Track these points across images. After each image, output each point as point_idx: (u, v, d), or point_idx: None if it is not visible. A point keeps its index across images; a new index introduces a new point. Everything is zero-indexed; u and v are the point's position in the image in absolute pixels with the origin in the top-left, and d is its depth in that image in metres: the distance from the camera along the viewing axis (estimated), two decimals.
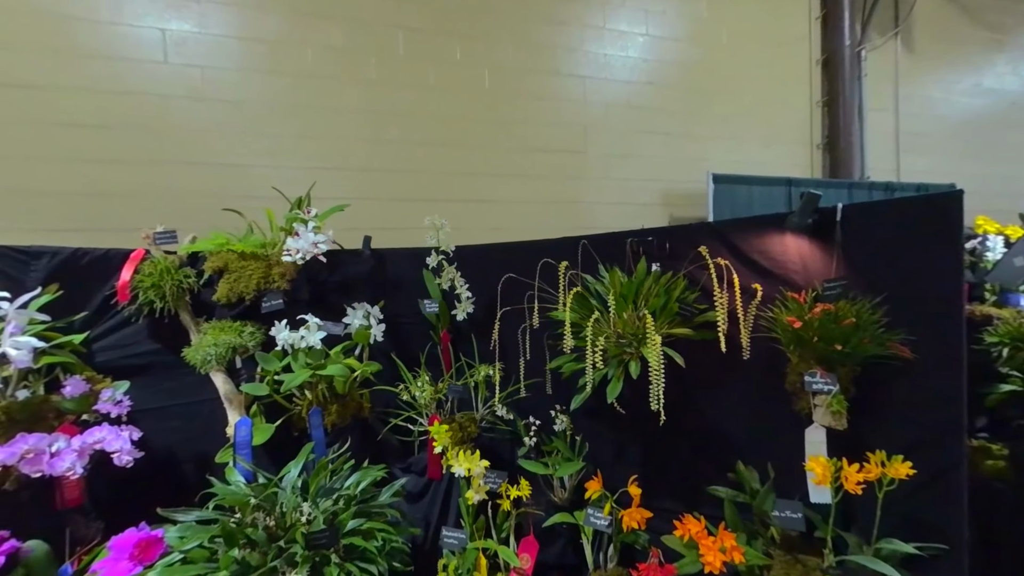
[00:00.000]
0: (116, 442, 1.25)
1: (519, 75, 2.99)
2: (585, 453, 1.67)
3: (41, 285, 1.50)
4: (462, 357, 1.91)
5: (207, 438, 1.68)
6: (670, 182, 3.33)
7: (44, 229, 2.15)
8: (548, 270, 1.66)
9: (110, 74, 2.32)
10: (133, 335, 1.68)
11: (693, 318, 1.46)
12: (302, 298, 1.79)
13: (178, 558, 1.17)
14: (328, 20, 2.65)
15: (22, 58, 2.19)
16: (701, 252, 1.34)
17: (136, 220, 1.91)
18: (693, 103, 3.41)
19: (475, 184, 2.87)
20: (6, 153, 2.16)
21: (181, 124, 2.41)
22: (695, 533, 1.19)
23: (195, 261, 1.74)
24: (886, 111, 3.86)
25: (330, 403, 1.69)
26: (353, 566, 1.23)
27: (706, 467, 1.56)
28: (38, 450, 1.17)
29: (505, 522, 1.54)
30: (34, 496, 1.32)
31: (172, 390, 1.71)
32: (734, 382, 1.48)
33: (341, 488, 1.42)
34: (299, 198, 1.86)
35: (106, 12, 2.33)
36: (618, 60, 3.22)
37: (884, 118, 3.84)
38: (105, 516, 1.43)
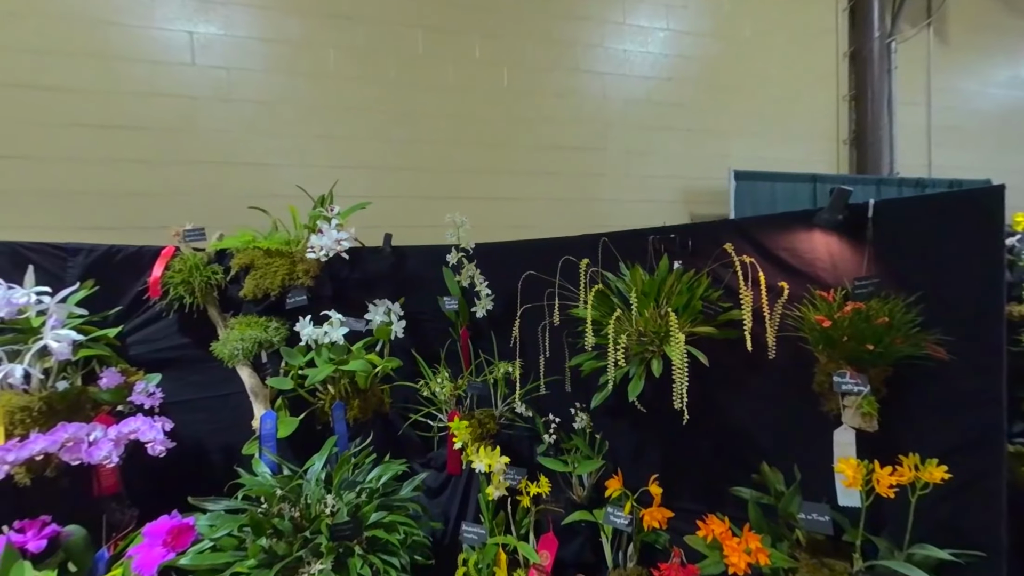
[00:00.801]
0: (150, 432, 1.30)
1: (538, 72, 2.98)
2: (605, 451, 1.66)
3: (78, 281, 1.55)
4: (481, 354, 1.91)
5: (233, 430, 1.72)
6: (690, 179, 3.29)
7: (80, 227, 2.24)
8: (568, 267, 1.65)
9: (141, 76, 2.39)
10: (163, 329, 1.73)
11: (716, 317, 1.44)
12: (325, 294, 1.82)
13: (208, 545, 1.21)
14: (349, 21, 2.69)
15: (60, 62, 2.28)
16: (726, 249, 1.32)
17: (166, 218, 1.98)
18: (714, 99, 3.35)
19: (494, 182, 2.87)
20: (46, 154, 2.25)
21: (208, 125, 2.48)
22: (719, 533, 1.17)
23: (222, 258, 1.79)
24: (917, 105, 3.73)
25: (352, 398, 1.71)
26: (376, 558, 1.25)
27: (728, 468, 1.53)
28: (77, 439, 1.22)
29: (525, 518, 1.54)
30: (72, 483, 1.37)
31: (200, 383, 1.75)
32: (759, 382, 1.45)
33: (363, 481, 1.44)
34: (322, 196, 1.90)
35: (137, 16, 2.40)
36: (638, 56, 3.18)
37: (915, 112, 3.72)
38: (138, 503, 1.48)
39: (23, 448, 1.18)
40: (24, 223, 2.20)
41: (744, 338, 1.28)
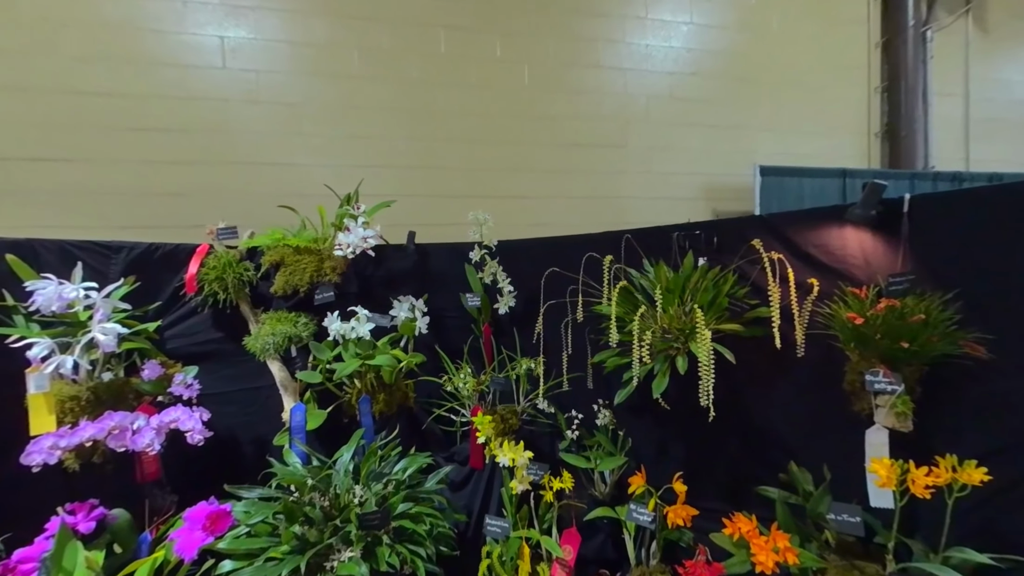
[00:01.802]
0: (189, 422, 1.36)
1: (559, 69, 2.98)
2: (628, 448, 1.66)
3: (121, 277, 1.63)
4: (503, 350, 1.93)
5: (264, 422, 1.77)
6: (713, 175, 3.24)
7: (119, 225, 2.34)
8: (591, 264, 1.65)
9: (175, 80, 2.48)
10: (198, 324, 1.80)
11: (743, 314, 1.42)
12: (351, 291, 1.86)
13: (244, 531, 1.26)
14: (373, 22, 2.73)
15: (100, 69, 2.38)
16: (754, 246, 1.30)
17: (200, 217, 2.05)
18: (739, 93, 3.28)
19: (514, 180, 2.89)
20: (88, 156, 2.36)
21: (238, 126, 2.55)
22: (746, 532, 1.16)
23: (253, 255, 1.84)
24: (954, 96, 3.59)
25: (378, 392, 1.75)
26: (403, 547, 1.28)
27: (754, 467, 1.51)
28: (122, 427, 1.29)
29: (547, 513, 1.56)
30: (117, 469, 1.45)
31: (232, 376, 1.81)
32: (786, 380, 1.43)
33: (390, 473, 1.47)
34: (348, 195, 1.94)
35: (170, 23, 2.49)
36: (660, 51, 3.14)
37: (952, 103, 3.57)
38: (176, 490, 1.55)
39: (74, 435, 1.25)
40: (68, 222, 2.31)
41: (771, 336, 1.26)
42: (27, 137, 2.30)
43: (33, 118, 2.30)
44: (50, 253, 1.56)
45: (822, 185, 3.05)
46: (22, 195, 2.30)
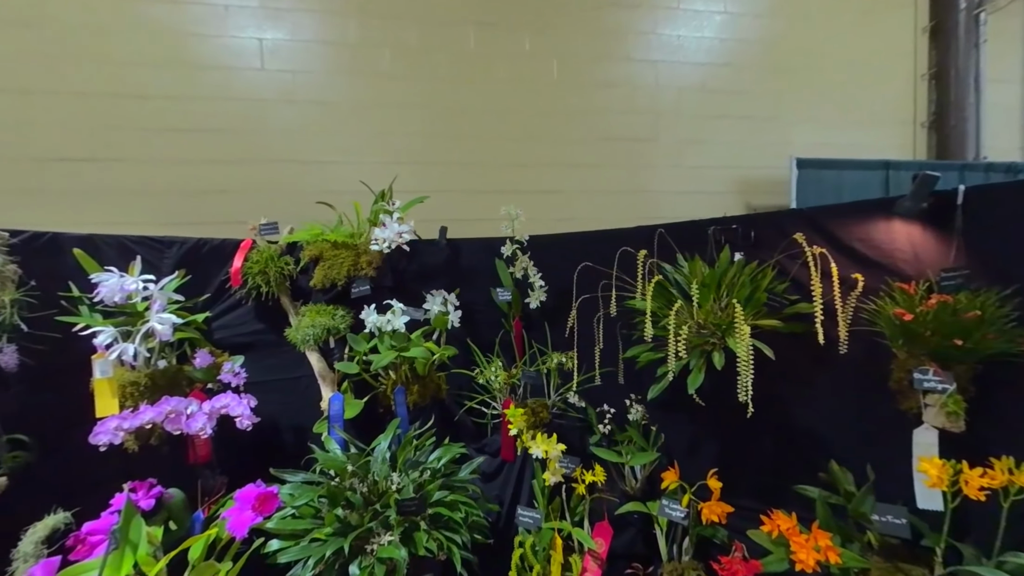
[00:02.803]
0: (238, 408, 1.43)
1: (588, 63, 2.96)
2: (660, 444, 1.66)
3: (172, 270, 1.72)
4: (534, 344, 1.95)
5: (303, 410, 1.84)
6: (747, 169, 3.15)
7: (167, 222, 2.46)
8: (623, 259, 1.65)
9: (217, 82, 2.58)
10: (242, 316, 1.88)
11: (782, 310, 1.40)
12: (385, 285, 1.91)
13: (290, 512, 1.32)
14: (404, 21, 2.77)
15: (147, 72, 2.50)
16: (797, 240, 1.27)
17: (241, 213, 2.13)
18: (775, 83, 3.18)
19: (544, 175, 2.89)
20: (138, 156, 2.49)
21: (275, 125, 2.64)
22: (786, 529, 1.14)
23: (293, 250, 1.91)
24: (1010, 82, 3.38)
25: (411, 383, 1.80)
26: (439, 534, 1.31)
27: (791, 465, 1.49)
28: (178, 411, 1.37)
29: (579, 506, 1.57)
30: (171, 451, 1.53)
31: (273, 366, 1.89)
32: (827, 377, 1.40)
33: (425, 462, 1.51)
34: (382, 191, 1.98)
35: (212, 26, 2.59)
36: (692, 42, 3.08)
37: (1007, 90, 3.37)
38: (223, 472, 1.63)
39: (135, 417, 1.33)
40: (119, 219, 2.43)
41: (810, 332, 1.24)
42: (82, 139, 2.44)
43: (88, 121, 2.44)
44: (110, 248, 1.66)
45: (863, 178, 2.93)
46: (78, 194, 2.44)
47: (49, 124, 2.40)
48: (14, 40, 2.36)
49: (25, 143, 2.37)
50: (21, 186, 2.37)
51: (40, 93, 2.39)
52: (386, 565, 1.23)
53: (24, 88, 2.37)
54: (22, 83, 2.37)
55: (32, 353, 1.45)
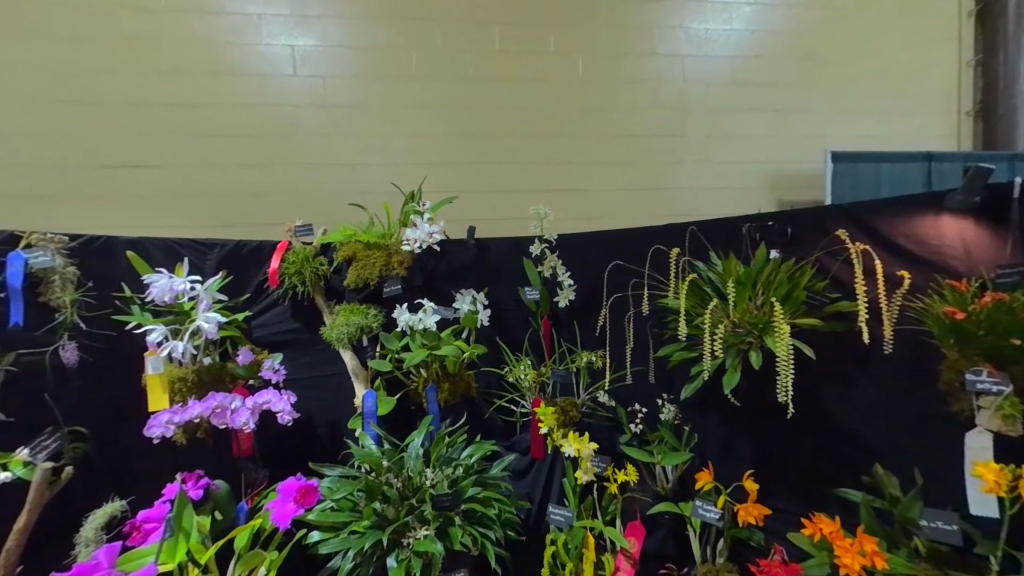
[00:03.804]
0: (279, 403, 1.48)
1: (613, 59, 2.93)
2: (693, 444, 1.64)
3: (215, 271, 1.79)
4: (563, 343, 1.95)
5: (337, 407, 1.89)
6: (779, 163, 3.07)
7: (206, 225, 2.56)
8: (653, 257, 1.63)
9: (252, 89, 2.67)
10: (279, 315, 1.94)
11: (820, 308, 1.36)
12: (416, 284, 1.94)
13: (329, 505, 1.36)
14: (429, 23, 2.80)
15: (189, 82, 2.60)
16: (839, 236, 1.24)
17: (275, 215, 2.20)
18: (808, 75, 3.09)
19: (569, 173, 2.88)
20: (178, 162, 2.59)
21: (307, 130, 2.71)
22: (829, 533, 1.12)
23: (326, 251, 1.96)
24: None
25: (442, 381, 1.82)
26: (473, 529, 1.33)
27: (831, 468, 1.45)
28: (223, 406, 1.43)
29: (611, 505, 1.56)
30: (216, 444, 1.60)
31: (308, 364, 1.94)
32: (870, 378, 1.35)
33: (458, 459, 1.53)
34: (411, 192, 2.01)
35: (247, 35, 2.68)
36: (721, 34, 3.01)
37: None
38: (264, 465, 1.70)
39: (185, 412, 1.40)
40: (161, 222, 2.55)
41: (852, 331, 1.20)
42: (129, 146, 2.56)
43: (134, 129, 2.56)
44: (157, 249, 1.74)
45: (902, 170, 2.81)
46: (126, 198, 2.56)
47: (99, 133, 2.53)
48: (68, 55, 2.50)
49: (78, 151, 2.51)
50: (75, 192, 2.51)
51: (91, 104, 2.52)
52: (422, 558, 1.25)
53: (77, 99, 2.50)
54: (75, 95, 2.50)
55: (90, 350, 1.54)
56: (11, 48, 2.46)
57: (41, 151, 2.48)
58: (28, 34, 2.47)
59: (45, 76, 2.48)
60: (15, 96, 2.46)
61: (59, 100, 2.49)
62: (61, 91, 2.49)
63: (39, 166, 2.48)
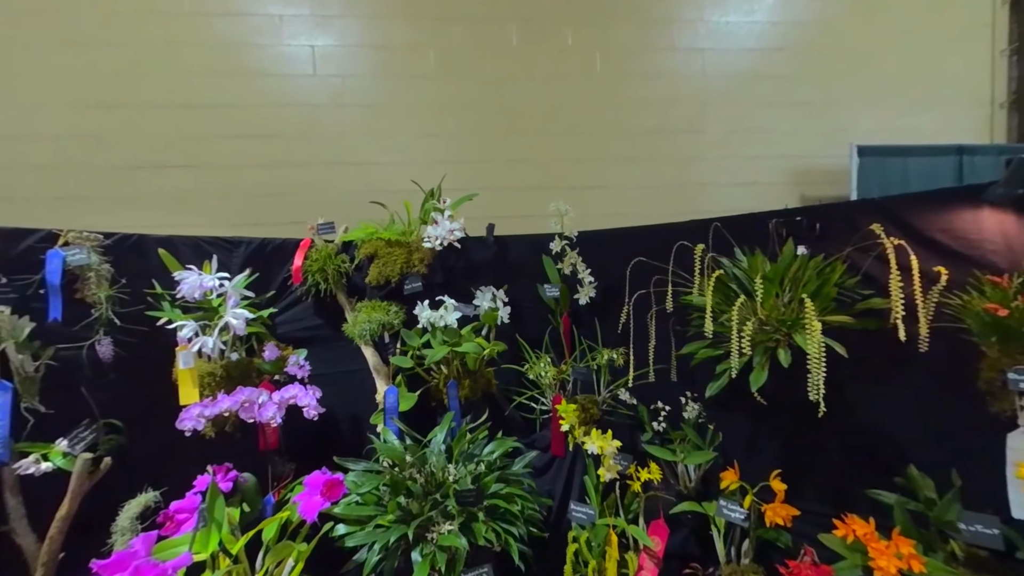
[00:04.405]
0: (305, 398, 1.50)
1: (632, 55, 2.90)
2: (716, 443, 1.62)
3: (240, 269, 1.82)
4: (584, 340, 1.94)
5: (359, 402, 1.91)
6: (801, 158, 3.00)
7: (231, 223, 2.61)
8: (675, 253, 1.62)
9: (273, 89, 2.71)
10: (303, 311, 1.97)
11: (850, 305, 1.33)
12: (436, 281, 1.95)
13: (355, 499, 1.38)
14: (447, 22, 2.81)
15: (212, 83, 2.65)
16: (874, 231, 1.20)
17: (297, 214, 2.24)
18: (832, 67, 3.01)
19: (587, 170, 2.86)
20: (205, 162, 2.65)
21: (327, 129, 2.74)
22: (863, 535, 1.09)
23: (348, 248, 1.98)
24: None
25: (463, 378, 1.83)
26: (497, 525, 1.34)
27: (861, 469, 1.42)
28: (251, 400, 1.46)
29: (633, 503, 1.55)
30: (243, 438, 1.63)
31: (330, 360, 1.96)
32: (904, 376, 1.32)
33: (480, 455, 1.54)
34: (431, 189, 2.02)
35: (269, 36, 2.72)
36: (742, 27, 2.96)
37: None
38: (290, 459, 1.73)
39: (215, 405, 1.43)
40: (187, 221, 2.61)
41: (884, 328, 1.17)
42: (153, 147, 2.62)
43: (157, 131, 2.62)
44: (186, 247, 1.78)
45: (932, 164, 2.73)
46: (149, 198, 2.62)
47: (126, 135, 2.60)
48: (97, 59, 2.57)
49: (107, 153, 2.58)
50: (103, 192, 2.58)
51: (118, 107, 2.59)
52: (447, 553, 1.26)
53: (106, 103, 2.57)
54: (104, 98, 2.57)
55: (123, 345, 1.58)
56: (44, 55, 2.54)
57: (73, 153, 2.56)
58: (60, 41, 2.55)
59: (76, 81, 2.55)
60: (49, 101, 2.54)
61: (89, 104, 2.56)
62: (91, 95, 2.56)
63: (71, 167, 2.55)
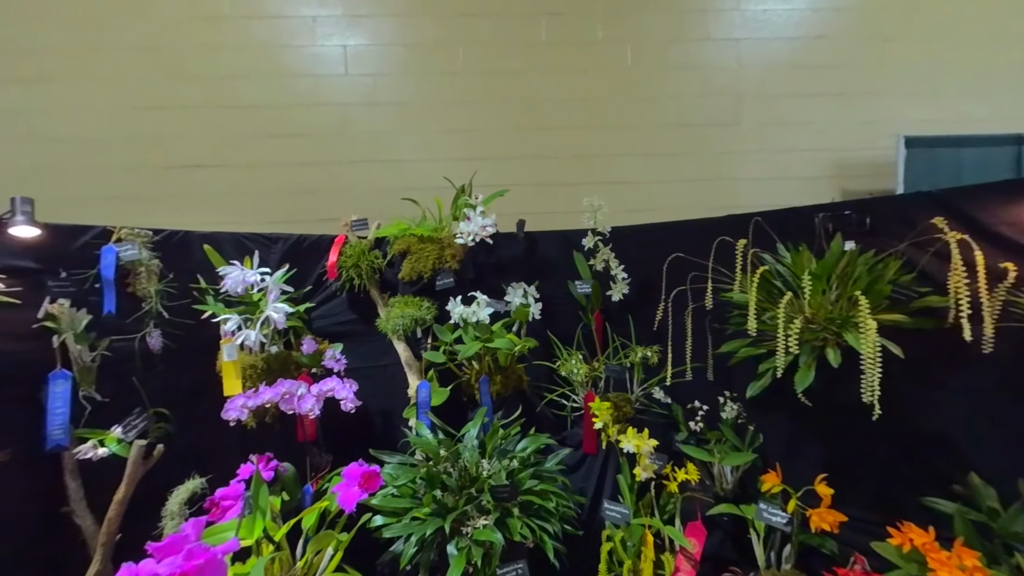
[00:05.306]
0: (343, 391, 1.53)
1: (664, 47, 2.84)
2: (757, 444, 1.57)
3: (279, 264, 1.87)
4: (617, 338, 1.91)
5: (391, 396, 1.93)
6: (842, 151, 2.88)
7: (266, 221, 2.68)
8: (712, 249, 1.57)
9: (307, 89, 2.76)
10: (337, 306, 2.00)
11: (907, 303, 1.26)
12: (467, 277, 1.95)
13: (391, 491, 1.40)
14: (476, 18, 2.81)
15: (248, 84, 2.73)
16: (936, 225, 1.14)
17: (330, 211, 2.28)
18: (876, 55, 2.87)
19: (618, 165, 2.82)
20: (242, 161, 2.73)
21: (358, 128, 2.78)
22: (921, 544, 1.04)
23: (380, 244, 2.01)
24: None
25: (494, 374, 1.83)
26: (532, 521, 1.33)
27: (914, 475, 1.35)
28: (291, 392, 1.49)
29: (669, 503, 1.53)
30: (282, 429, 1.68)
31: (364, 354, 1.99)
32: (964, 379, 1.25)
33: (513, 451, 1.54)
34: (462, 186, 2.03)
35: (302, 37, 2.77)
36: (781, 15, 2.85)
37: None
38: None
39: (257, 397, 1.47)
40: (224, 219, 2.68)
41: (943, 328, 1.11)
42: (192, 148, 2.71)
43: (196, 131, 2.71)
44: (227, 244, 1.84)
45: (986, 155, 2.57)
46: (189, 197, 2.72)
47: (170, 136, 2.70)
48: (139, 63, 2.68)
49: (153, 154, 2.69)
50: (150, 191, 2.69)
51: (160, 109, 2.69)
52: (483, 547, 1.27)
53: (151, 105, 2.68)
54: (149, 101, 2.68)
55: (171, 337, 1.65)
56: (93, 62, 2.66)
57: (120, 155, 2.67)
58: (107, 48, 2.66)
59: (123, 85, 2.67)
60: (98, 105, 2.66)
61: (135, 107, 2.67)
62: (136, 99, 2.67)
63: (117, 169, 2.67)
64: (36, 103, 2.65)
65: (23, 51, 2.64)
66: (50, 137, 2.65)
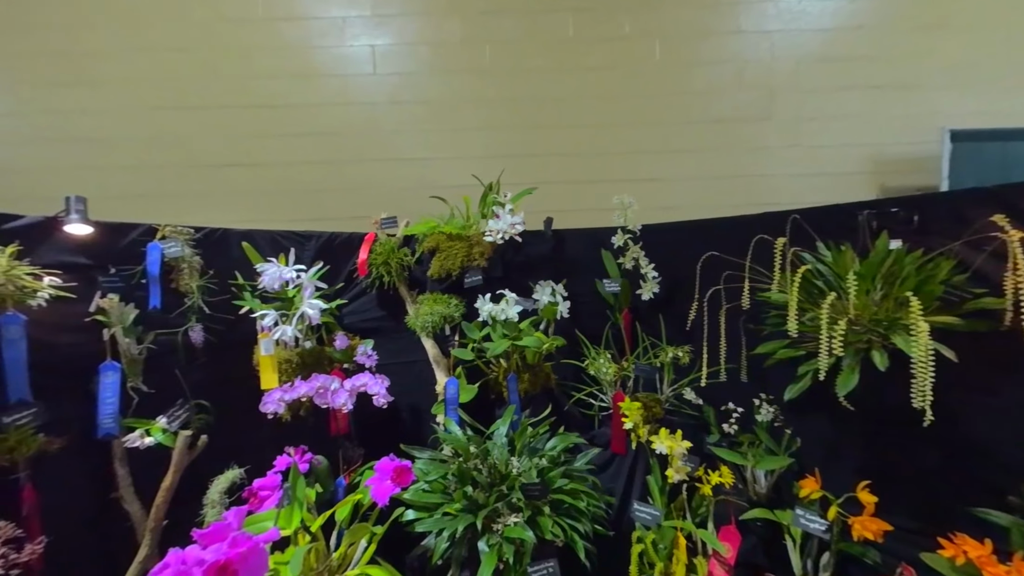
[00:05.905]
0: (375, 386, 1.56)
1: (693, 40, 2.78)
2: (794, 449, 1.53)
3: (311, 261, 1.90)
4: (646, 337, 1.89)
5: (418, 393, 1.95)
6: (881, 146, 2.77)
7: (300, 218, 2.72)
8: (744, 248, 1.54)
9: (337, 89, 2.81)
10: (367, 303, 2.03)
11: (959, 304, 1.21)
12: (496, 275, 1.95)
13: (423, 486, 1.41)
14: (501, 15, 2.80)
15: (279, 85, 2.79)
16: (996, 222, 1.09)
17: (358, 209, 2.31)
18: (918, 45, 2.75)
19: (647, 162, 2.78)
20: (273, 161, 2.79)
21: (385, 126, 2.82)
22: (976, 557, 1.00)
23: (409, 242, 2.03)
24: None
25: (522, 372, 1.83)
26: (563, 520, 1.33)
27: (964, 485, 1.29)
28: (325, 387, 1.53)
29: (701, 506, 1.50)
30: (315, 423, 1.72)
31: (392, 351, 2.02)
32: (1019, 384, 1.19)
33: (542, 449, 1.54)
34: (490, 183, 2.03)
35: (332, 38, 2.82)
36: (816, 6, 2.76)
37: None
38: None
39: (293, 391, 1.51)
40: (259, 217, 2.76)
41: (998, 331, 1.06)
42: (225, 147, 2.79)
43: (228, 131, 2.79)
44: (263, 241, 1.89)
45: None
46: (222, 195, 2.80)
47: (202, 136, 2.78)
48: (173, 64, 2.77)
49: (186, 153, 2.78)
50: (184, 190, 2.78)
51: (196, 109, 2.77)
52: (514, 545, 1.27)
53: (184, 105, 2.77)
54: (183, 101, 2.77)
55: (212, 331, 1.70)
56: (127, 63, 2.76)
57: (154, 154, 2.76)
58: (141, 49, 2.76)
59: (157, 86, 2.76)
60: (133, 106, 2.76)
61: (169, 107, 2.76)
62: (170, 99, 2.76)
63: (151, 167, 2.76)
64: (80, 104, 2.76)
65: (68, 56, 2.76)
66: (91, 138, 2.76)
